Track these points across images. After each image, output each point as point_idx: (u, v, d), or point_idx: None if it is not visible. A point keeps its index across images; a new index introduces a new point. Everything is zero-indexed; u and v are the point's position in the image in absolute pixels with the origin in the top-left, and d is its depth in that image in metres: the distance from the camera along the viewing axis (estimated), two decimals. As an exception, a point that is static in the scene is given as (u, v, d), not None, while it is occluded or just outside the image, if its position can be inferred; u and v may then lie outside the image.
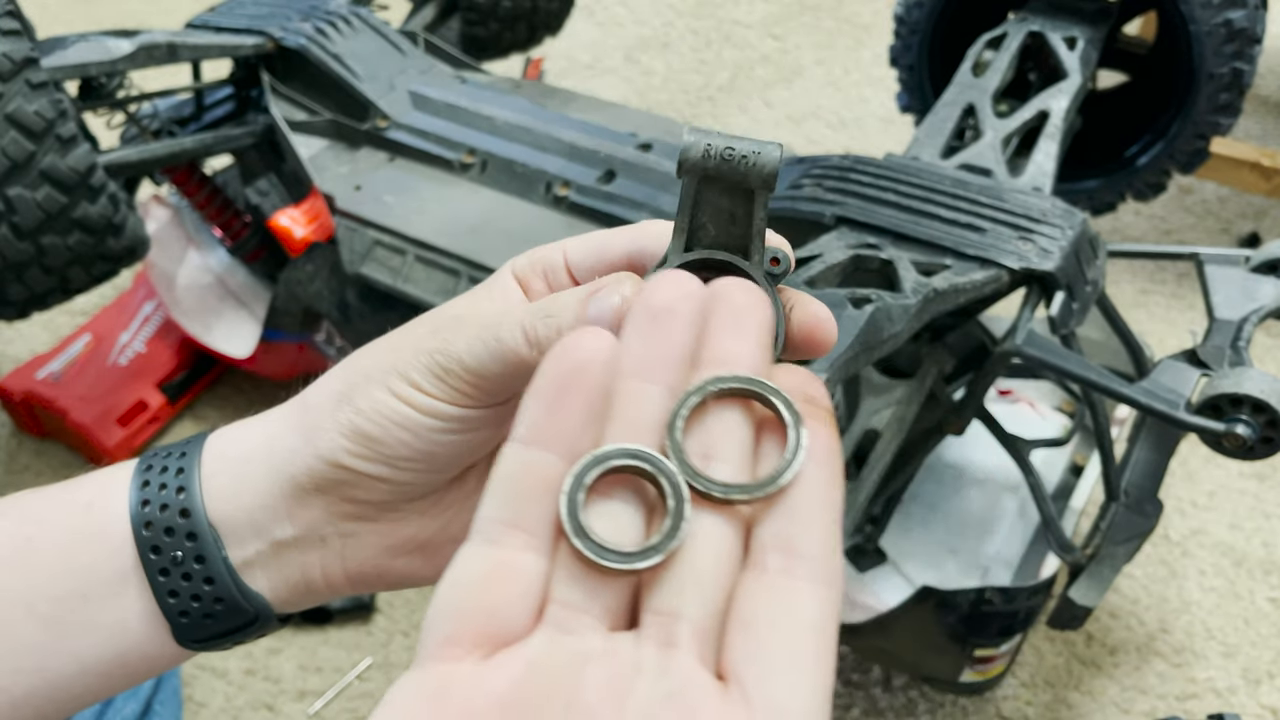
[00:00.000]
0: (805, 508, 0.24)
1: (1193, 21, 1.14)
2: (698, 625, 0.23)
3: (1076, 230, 0.81)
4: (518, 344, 0.31)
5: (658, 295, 0.26)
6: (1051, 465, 1.02)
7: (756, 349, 0.26)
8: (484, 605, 0.24)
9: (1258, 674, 1.03)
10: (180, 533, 0.35)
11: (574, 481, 0.24)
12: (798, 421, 0.25)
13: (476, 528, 0.25)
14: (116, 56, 1.02)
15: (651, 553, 0.24)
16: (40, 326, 1.40)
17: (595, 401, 0.25)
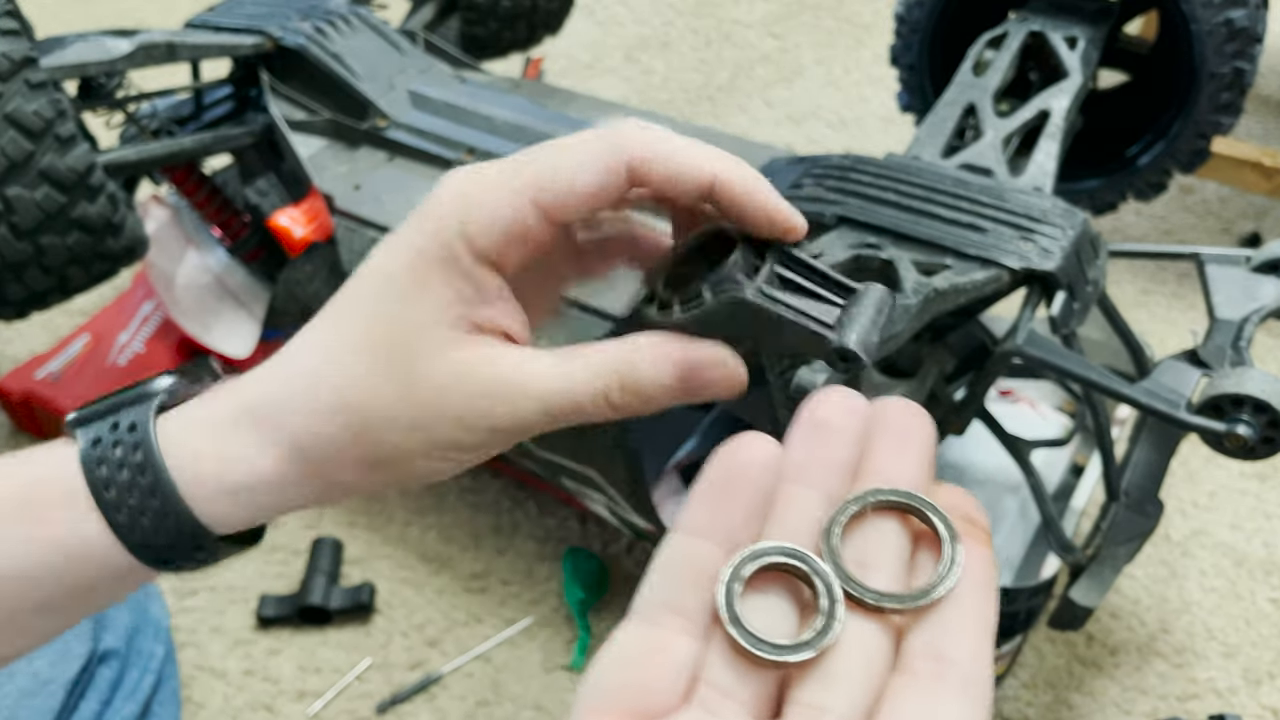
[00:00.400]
0: (958, 621, 0.25)
1: (1194, 21, 1.14)
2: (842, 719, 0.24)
3: (1077, 230, 0.81)
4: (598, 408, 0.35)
5: (823, 409, 0.28)
6: (1052, 465, 1.02)
7: (918, 467, 0.27)
8: (638, 680, 0.25)
9: (1258, 674, 1.03)
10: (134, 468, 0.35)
11: (732, 572, 0.26)
12: (954, 538, 0.26)
13: (636, 608, 0.27)
14: (115, 56, 1.02)
15: (804, 648, 0.25)
16: (39, 326, 1.40)
17: (757, 501, 0.27)
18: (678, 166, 0.33)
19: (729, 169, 0.33)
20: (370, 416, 0.34)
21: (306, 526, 1.15)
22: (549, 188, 0.33)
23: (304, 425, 0.34)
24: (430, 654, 1.05)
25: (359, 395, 0.34)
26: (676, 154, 0.33)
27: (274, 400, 0.35)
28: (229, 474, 0.35)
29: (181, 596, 1.10)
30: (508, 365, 0.34)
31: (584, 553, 1.11)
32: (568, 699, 1.01)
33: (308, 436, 0.34)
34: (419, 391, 0.33)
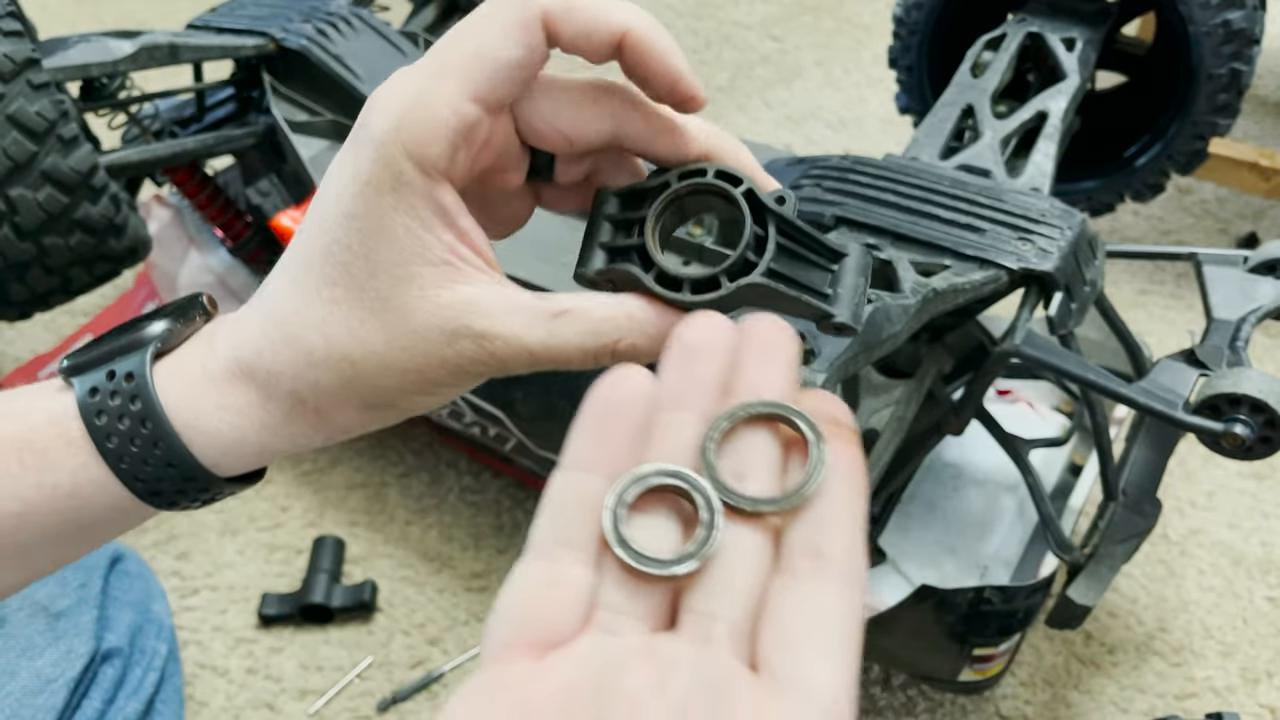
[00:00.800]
0: (831, 516, 0.27)
1: (1191, 22, 1.15)
2: (732, 623, 0.26)
3: (1075, 230, 0.81)
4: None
5: (691, 333, 0.29)
6: (1050, 465, 1.03)
7: (783, 378, 0.29)
8: (538, 614, 0.26)
9: (1256, 673, 1.03)
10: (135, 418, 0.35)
11: (616, 498, 0.27)
12: (819, 439, 0.27)
13: (530, 545, 0.28)
14: (118, 57, 1.02)
15: (688, 559, 0.26)
16: (42, 326, 1.40)
17: (636, 431, 0.28)
18: (591, 17, 0.32)
19: (642, 24, 0.32)
20: (363, 366, 0.34)
21: (308, 525, 1.16)
22: (478, 72, 0.31)
23: (300, 377, 0.34)
24: (431, 652, 1.05)
25: (349, 347, 0.34)
26: (589, 5, 0.32)
27: (267, 356, 0.35)
28: (232, 425, 0.35)
29: (184, 595, 1.10)
30: (495, 313, 0.33)
31: (584, 552, 1.12)
32: (568, 697, 1.01)
33: (306, 387, 0.35)
34: (407, 339, 0.33)
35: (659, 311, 0.33)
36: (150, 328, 0.37)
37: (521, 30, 0.31)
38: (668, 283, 0.33)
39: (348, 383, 0.34)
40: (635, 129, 0.34)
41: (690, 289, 0.33)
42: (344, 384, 0.34)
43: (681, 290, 0.33)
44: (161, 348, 0.37)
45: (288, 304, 0.35)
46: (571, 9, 0.32)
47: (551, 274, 0.97)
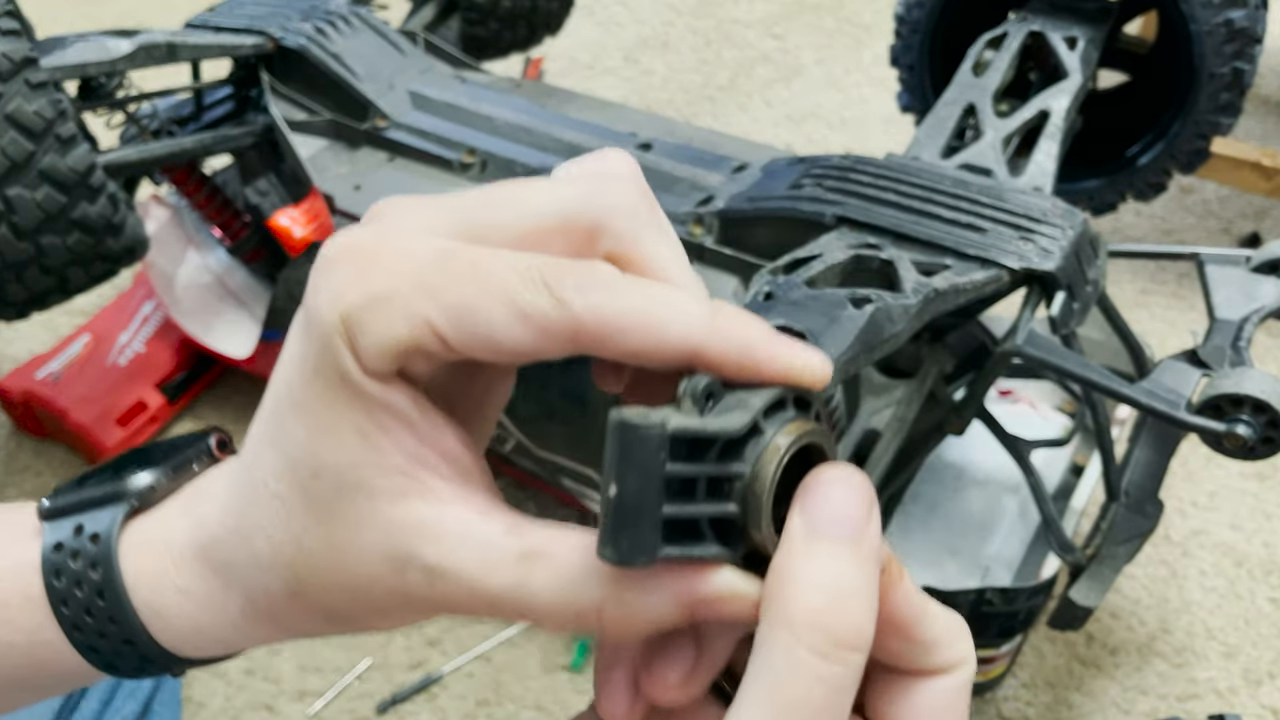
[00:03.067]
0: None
1: (1193, 21, 1.14)
2: None
3: (1077, 230, 0.81)
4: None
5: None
6: (1052, 465, 1.02)
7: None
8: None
9: (1258, 674, 1.03)
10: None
11: None
12: None
13: None
14: (116, 56, 1.02)
15: None
16: (40, 326, 1.40)
17: None
18: (643, 345, 0.25)
19: (713, 340, 0.25)
20: (306, 579, 0.29)
21: (307, 526, 1.15)
22: (461, 326, 0.25)
23: (250, 579, 0.30)
24: (430, 654, 1.05)
25: (293, 557, 0.28)
26: (643, 326, 0.25)
27: (224, 546, 0.30)
28: (191, 616, 0.32)
29: (182, 596, 1.10)
30: (450, 544, 0.26)
31: (584, 553, 1.11)
32: (568, 699, 1.01)
33: (257, 590, 0.30)
34: (353, 558, 0.27)
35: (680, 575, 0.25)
36: (134, 478, 0.33)
37: (537, 328, 0.25)
38: (757, 561, 0.25)
39: (295, 594, 0.29)
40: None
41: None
42: (292, 594, 0.29)
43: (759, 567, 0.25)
44: (139, 505, 0.33)
45: (244, 491, 0.30)
46: (610, 333, 0.25)
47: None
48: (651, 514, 0.23)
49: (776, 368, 0.25)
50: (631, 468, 0.23)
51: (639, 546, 0.23)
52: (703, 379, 0.25)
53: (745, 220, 0.91)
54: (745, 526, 0.25)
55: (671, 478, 0.23)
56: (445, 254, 0.26)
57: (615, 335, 0.25)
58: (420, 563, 0.26)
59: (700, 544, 0.24)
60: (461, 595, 0.26)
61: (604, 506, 0.24)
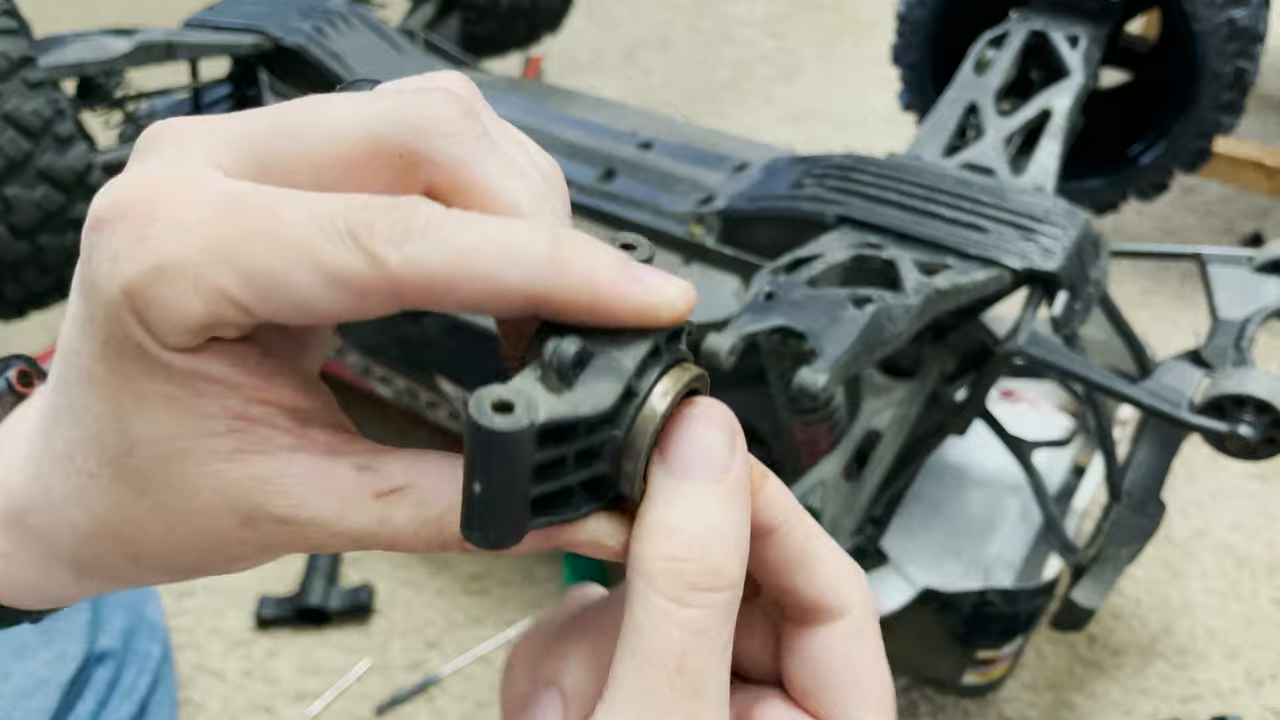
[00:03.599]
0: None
1: (1196, 20, 1.14)
2: None
3: (1079, 230, 0.81)
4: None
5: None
6: (1054, 466, 1.02)
7: None
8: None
9: (1260, 675, 1.02)
10: None
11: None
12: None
13: None
14: (114, 55, 1.01)
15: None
16: (38, 326, 1.39)
17: None
18: (475, 296, 0.22)
19: (554, 284, 0.22)
20: (143, 545, 0.26)
21: (306, 527, 1.15)
22: (262, 294, 0.22)
23: (73, 553, 0.27)
24: (430, 655, 1.04)
25: (119, 525, 0.25)
26: (471, 275, 0.22)
27: (38, 516, 0.27)
28: (15, 575, 0.28)
29: (180, 597, 1.09)
30: (300, 493, 0.24)
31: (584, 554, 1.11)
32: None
33: (83, 562, 0.27)
34: (189, 520, 0.25)
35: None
36: None
37: (355, 296, 0.22)
38: (625, 502, 0.25)
39: (136, 559, 0.26)
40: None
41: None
42: (132, 560, 0.26)
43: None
44: None
45: (45, 467, 0.26)
46: (433, 275, 0.21)
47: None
48: (519, 501, 0.22)
49: (629, 309, 0.23)
50: (495, 469, 0.21)
51: (507, 531, 0.22)
52: (570, 346, 0.23)
53: (746, 220, 0.91)
54: (613, 476, 0.24)
55: (542, 464, 0.22)
56: (233, 204, 0.22)
57: (443, 290, 0.22)
58: (271, 515, 0.24)
59: (570, 509, 0.24)
60: (322, 538, 0.24)
61: (467, 496, 0.22)
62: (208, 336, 0.23)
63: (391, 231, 0.21)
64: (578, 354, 0.23)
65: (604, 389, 0.23)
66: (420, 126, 0.23)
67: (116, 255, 0.22)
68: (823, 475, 0.80)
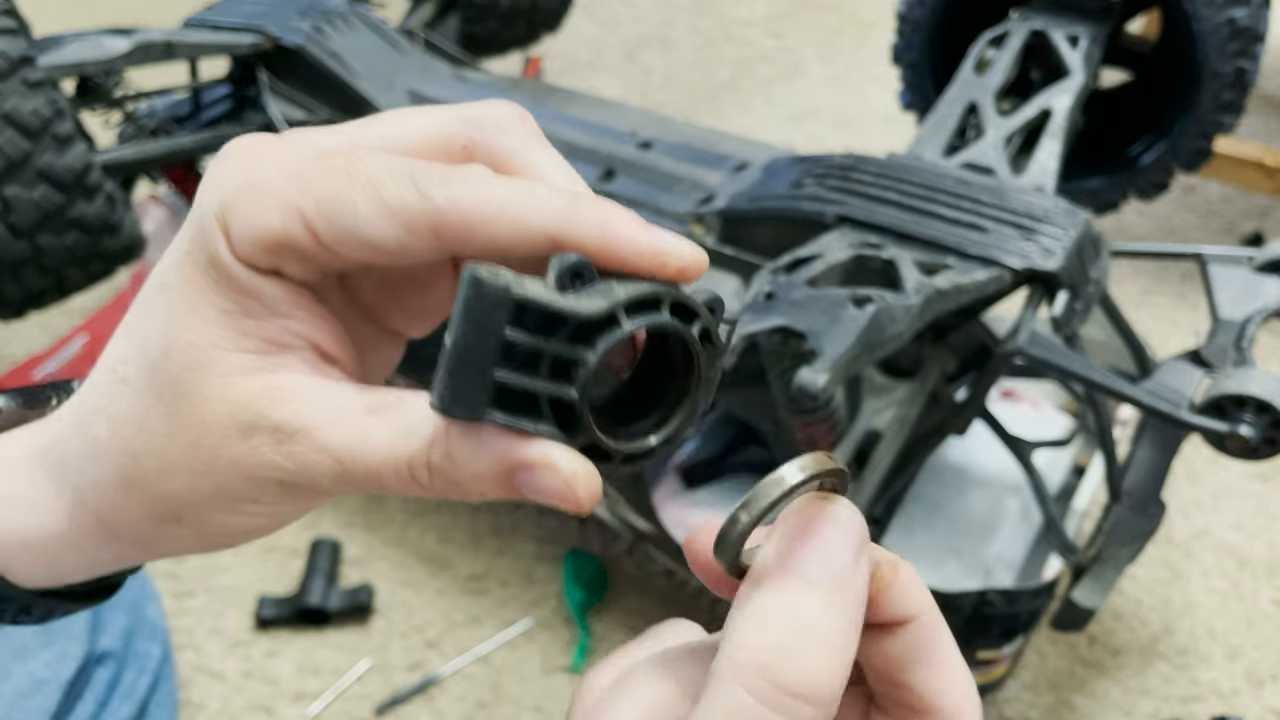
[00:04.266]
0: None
1: (1196, 19, 1.14)
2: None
3: (1079, 230, 0.81)
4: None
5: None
6: (1054, 466, 1.02)
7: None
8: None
9: (1261, 676, 1.02)
10: None
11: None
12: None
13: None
14: (113, 55, 1.01)
15: None
16: (37, 326, 1.39)
17: None
18: (505, 234, 0.25)
19: (571, 223, 0.25)
20: (145, 462, 0.28)
21: (305, 527, 1.15)
22: (330, 218, 0.26)
23: (82, 470, 0.29)
24: (429, 655, 1.04)
25: (132, 437, 0.28)
26: (502, 215, 0.25)
27: (59, 444, 0.30)
28: (21, 525, 0.30)
29: (180, 598, 1.09)
30: (300, 402, 0.26)
31: (584, 554, 1.11)
32: (568, 701, 1.01)
33: (87, 485, 0.29)
34: (195, 431, 0.27)
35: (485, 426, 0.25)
36: None
37: (402, 227, 0.25)
38: (595, 454, 0.25)
39: (130, 482, 0.28)
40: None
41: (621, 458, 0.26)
42: (125, 483, 0.28)
43: (612, 460, 0.26)
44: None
45: (88, 384, 0.30)
46: (477, 226, 0.25)
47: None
48: (484, 371, 0.23)
49: (639, 250, 0.25)
50: (471, 321, 0.23)
51: (463, 400, 0.24)
52: (572, 255, 0.24)
53: (746, 219, 0.90)
54: (586, 416, 0.24)
55: (513, 344, 0.23)
56: (325, 152, 0.27)
57: (476, 226, 0.25)
58: (269, 422, 0.26)
59: (533, 420, 0.24)
60: (308, 454, 0.26)
61: (440, 355, 0.24)
62: (276, 260, 0.26)
63: (443, 177, 0.26)
64: (577, 263, 0.24)
65: (591, 303, 0.24)
66: (483, 123, 0.28)
67: (224, 178, 0.27)
68: (823, 475, 0.80)
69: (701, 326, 0.26)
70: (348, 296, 0.30)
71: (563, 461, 0.24)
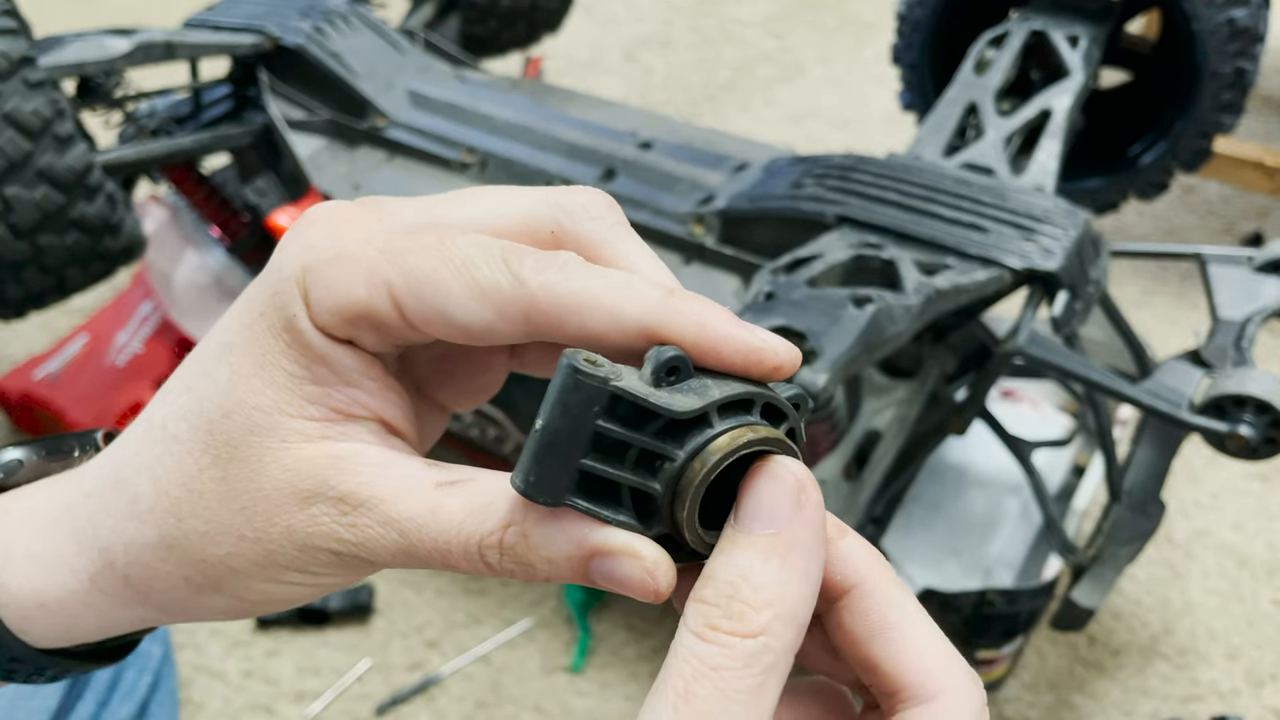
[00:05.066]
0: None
1: (1196, 20, 1.14)
2: None
3: (1079, 230, 0.81)
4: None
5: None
6: (1054, 466, 1.02)
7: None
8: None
9: (1261, 676, 1.02)
10: None
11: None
12: None
13: None
14: (114, 55, 1.01)
15: None
16: (38, 326, 1.40)
17: None
18: (598, 325, 0.25)
19: (668, 318, 0.25)
20: (189, 522, 0.27)
21: (306, 527, 1.15)
22: (419, 295, 0.25)
23: (116, 530, 0.28)
24: (430, 655, 1.04)
25: (179, 498, 0.27)
26: (597, 305, 0.25)
27: (91, 500, 0.29)
28: (39, 583, 0.29)
29: (180, 597, 1.09)
30: (367, 472, 0.26)
31: (584, 553, 1.11)
32: (568, 700, 1.01)
33: (120, 545, 0.28)
34: (250, 497, 0.26)
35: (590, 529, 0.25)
36: (2, 455, 0.32)
37: (494, 310, 0.25)
38: (667, 544, 0.25)
39: (171, 545, 0.27)
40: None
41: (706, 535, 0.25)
42: (166, 545, 0.27)
43: (682, 552, 0.25)
44: (5, 479, 0.31)
45: (129, 439, 0.29)
46: (570, 315, 0.25)
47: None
48: (570, 458, 0.24)
49: (734, 348, 0.25)
50: (565, 409, 0.23)
51: (547, 484, 0.24)
52: (670, 350, 0.24)
53: (746, 219, 0.91)
54: (666, 509, 0.25)
55: (602, 433, 0.24)
56: (415, 228, 0.26)
57: (570, 315, 0.25)
58: (333, 492, 0.26)
59: (613, 508, 0.24)
60: (372, 527, 0.26)
61: (529, 438, 0.24)
62: (354, 330, 0.26)
63: (538, 263, 0.25)
64: (674, 358, 0.24)
65: (685, 401, 0.24)
66: (572, 209, 0.28)
67: (309, 242, 0.26)
68: (823, 475, 0.80)
69: (788, 427, 0.26)
70: (402, 367, 0.30)
71: (645, 550, 0.24)
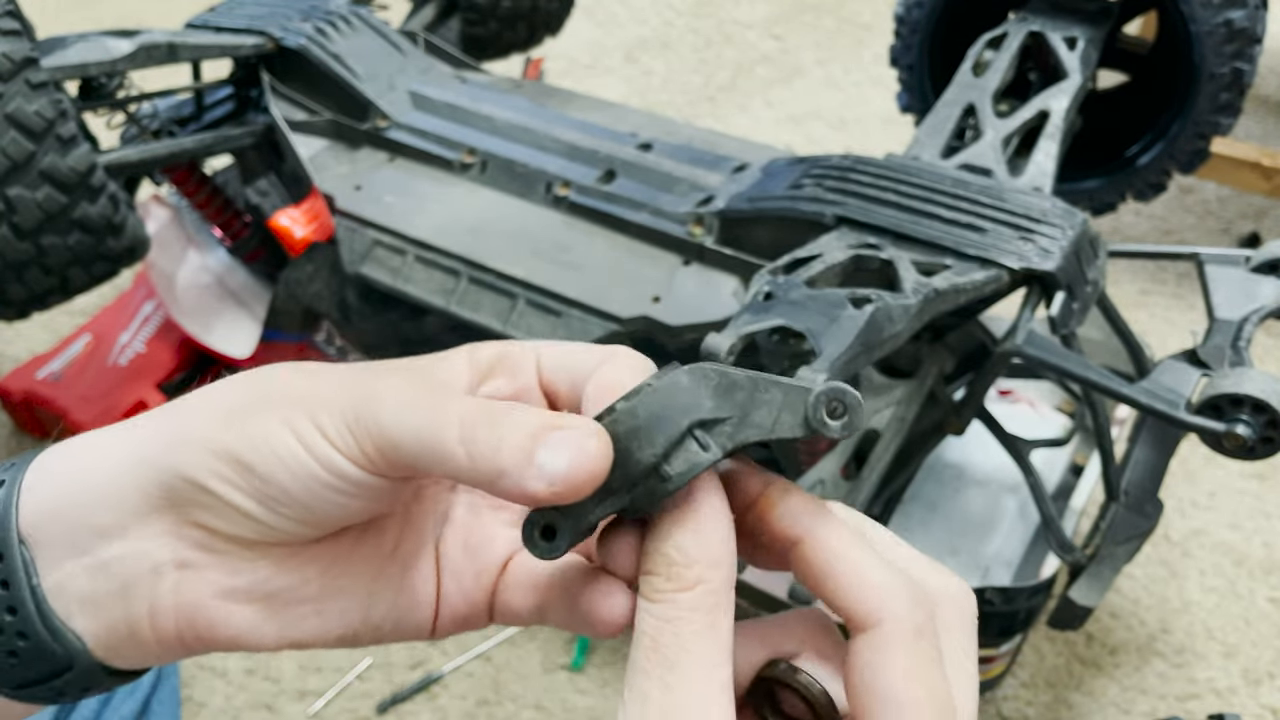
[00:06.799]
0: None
1: (1193, 21, 1.14)
2: None
3: (1077, 230, 0.81)
4: (451, 443, 0.28)
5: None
6: (1052, 465, 1.02)
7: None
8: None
9: (1258, 674, 1.03)
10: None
11: None
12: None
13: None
14: (116, 56, 1.02)
15: None
16: (40, 326, 1.40)
17: None
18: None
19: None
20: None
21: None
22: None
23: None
24: (431, 653, 1.05)
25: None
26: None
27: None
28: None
29: (182, 596, 1.10)
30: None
31: (584, 552, 1.11)
32: (568, 698, 1.01)
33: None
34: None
35: None
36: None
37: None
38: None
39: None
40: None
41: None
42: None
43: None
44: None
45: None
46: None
47: (551, 273, 0.97)
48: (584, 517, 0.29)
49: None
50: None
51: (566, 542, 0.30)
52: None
53: (745, 220, 0.91)
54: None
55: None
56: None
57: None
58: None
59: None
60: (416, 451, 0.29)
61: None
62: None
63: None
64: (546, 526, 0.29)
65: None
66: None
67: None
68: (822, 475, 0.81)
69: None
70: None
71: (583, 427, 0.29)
